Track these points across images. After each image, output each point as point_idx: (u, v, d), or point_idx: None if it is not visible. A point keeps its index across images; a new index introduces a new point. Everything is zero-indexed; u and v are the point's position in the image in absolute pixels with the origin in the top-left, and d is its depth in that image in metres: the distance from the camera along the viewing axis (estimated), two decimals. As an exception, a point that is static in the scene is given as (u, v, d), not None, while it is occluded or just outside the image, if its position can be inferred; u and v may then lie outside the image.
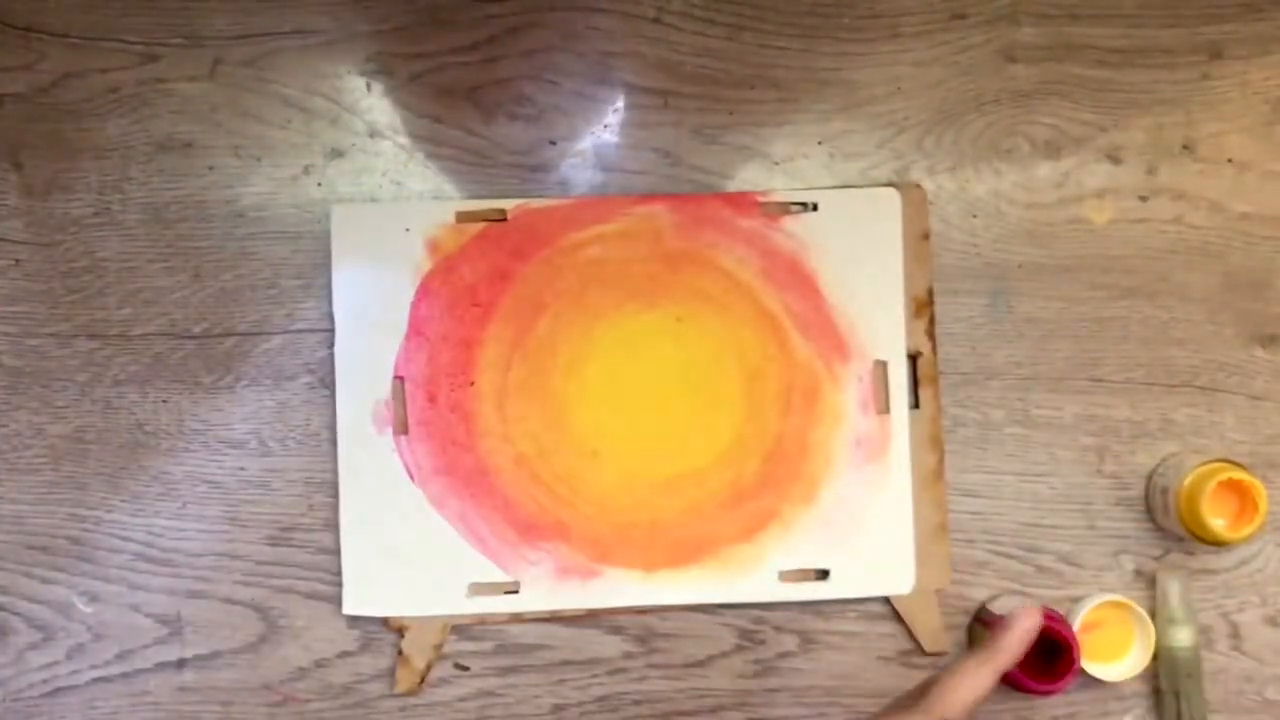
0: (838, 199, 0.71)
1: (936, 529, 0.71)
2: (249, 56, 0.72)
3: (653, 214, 0.71)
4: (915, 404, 0.71)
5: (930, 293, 0.71)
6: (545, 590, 0.70)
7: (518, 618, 0.71)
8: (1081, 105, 0.72)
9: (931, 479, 0.71)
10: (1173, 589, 0.70)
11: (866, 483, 0.71)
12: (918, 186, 0.72)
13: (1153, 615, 0.70)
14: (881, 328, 0.71)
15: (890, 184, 0.72)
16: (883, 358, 0.71)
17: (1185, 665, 0.69)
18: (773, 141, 0.72)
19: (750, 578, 0.70)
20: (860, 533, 0.70)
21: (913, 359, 0.71)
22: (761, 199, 0.71)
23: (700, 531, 0.70)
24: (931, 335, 0.71)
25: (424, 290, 0.71)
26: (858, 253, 0.71)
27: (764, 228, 0.71)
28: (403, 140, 0.72)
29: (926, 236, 0.72)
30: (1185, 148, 0.72)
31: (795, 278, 0.71)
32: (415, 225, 0.71)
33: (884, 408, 0.71)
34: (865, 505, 0.70)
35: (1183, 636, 0.69)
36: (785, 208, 0.71)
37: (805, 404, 0.71)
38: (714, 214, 0.71)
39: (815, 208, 0.71)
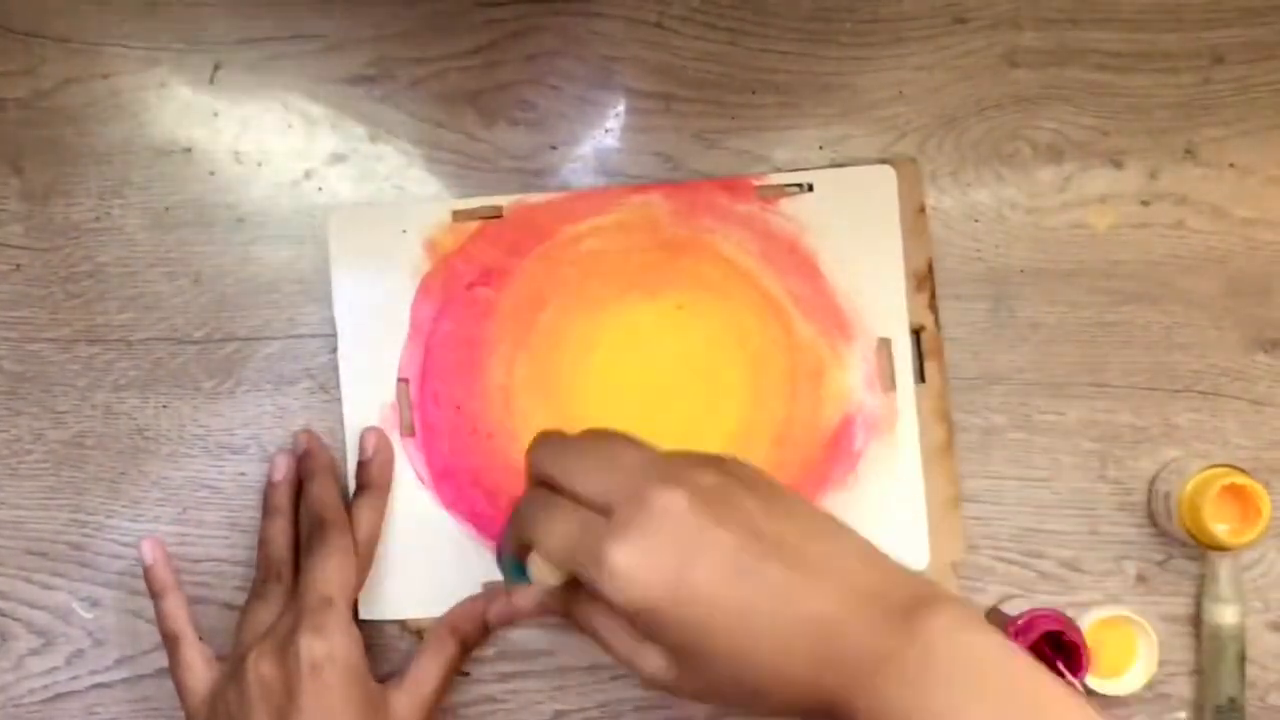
0: (833, 178, 0.71)
1: (948, 501, 0.70)
2: (250, 61, 0.72)
3: (648, 203, 0.71)
4: (921, 378, 0.71)
5: (930, 265, 0.71)
6: (547, 595, 0.70)
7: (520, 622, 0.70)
8: (1083, 110, 0.72)
9: (941, 452, 0.71)
10: (1223, 568, 0.69)
11: (876, 460, 0.70)
12: (912, 161, 0.71)
13: (1199, 597, 0.70)
14: (883, 304, 0.71)
15: (884, 160, 0.71)
16: (886, 335, 0.71)
17: (1230, 643, 0.69)
18: (774, 146, 0.72)
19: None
20: (872, 510, 0.70)
21: (916, 334, 0.71)
22: (757, 182, 0.71)
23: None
24: (934, 308, 0.71)
25: (424, 291, 0.71)
26: (856, 231, 0.71)
27: (761, 211, 0.71)
28: (404, 145, 0.72)
29: (923, 210, 0.71)
30: (1187, 152, 0.72)
31: (795, 260, 0.71)
32: (412, 226, 0.71)
33: (890, 385, 0.71)
34: (876, 483, 0.70)
35: (1228, 614, 0.69)
36: (781, 190, 0.71)
37: (811, 386, 0.71)
38: (710, 200, 0.71)
39: (811, 188, 0.71)
